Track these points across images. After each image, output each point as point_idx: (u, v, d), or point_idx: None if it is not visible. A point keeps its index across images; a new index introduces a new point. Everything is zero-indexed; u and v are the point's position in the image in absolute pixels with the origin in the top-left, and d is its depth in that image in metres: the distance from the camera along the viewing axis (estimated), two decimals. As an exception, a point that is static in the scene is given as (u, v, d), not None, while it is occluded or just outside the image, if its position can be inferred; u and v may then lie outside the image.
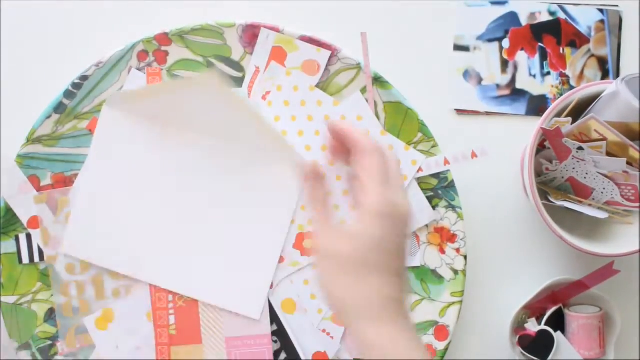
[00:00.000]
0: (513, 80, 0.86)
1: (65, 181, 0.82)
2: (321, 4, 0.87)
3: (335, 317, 0.80)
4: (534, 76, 0.86)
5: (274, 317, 0.82)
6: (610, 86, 0.77)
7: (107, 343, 0.83)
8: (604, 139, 0.77)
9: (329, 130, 0.66)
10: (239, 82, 0.83)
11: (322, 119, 0.81)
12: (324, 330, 0.81)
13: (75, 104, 0.82)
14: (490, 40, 0.86)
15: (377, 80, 0.82)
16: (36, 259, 0.82)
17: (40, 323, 0.82)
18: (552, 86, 0.86)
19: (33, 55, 0.86)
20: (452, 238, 0.82)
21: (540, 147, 0.81)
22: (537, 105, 0.86)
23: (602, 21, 0.86)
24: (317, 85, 0.82)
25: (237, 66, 0.82)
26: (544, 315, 0.84)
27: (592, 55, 0.86)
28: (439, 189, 0.82)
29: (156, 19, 0.86)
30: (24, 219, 0.82)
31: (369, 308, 0.60)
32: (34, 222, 0.82)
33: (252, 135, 0.79)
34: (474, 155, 0.81)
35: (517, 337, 0.83)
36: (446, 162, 0.81)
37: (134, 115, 0.81)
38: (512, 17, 0.86)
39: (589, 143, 0.78)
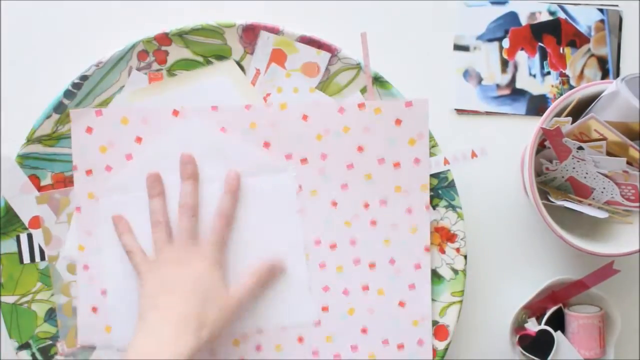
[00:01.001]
0: (513, 80, 0.86)
1: (65, 181, 0.82)
2: (321, 4, 0.87)
3: None
4: (534, 76, 0.86)
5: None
6: (610, 86, 0.77)
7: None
8: (604, 139, 0.77)
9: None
10: (239, 82, 0.83)
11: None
12: None
13: (75, 103, 0.82)
14: (490, 40, 0.86)
15: (377, 80, 0.82)
16: (37, 258, 0.82)
17: (40, 323, 0.82)
18: (552, 86, 0.86)
19: (33, 55, 0.86)
20: (452, 238, 0.82)
21: (541, 147, 0.81)
22: (537, 105, 0.86)
23: (602, 21, 0.86)
24: (317, 86, 0.82)
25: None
26: (544, 315, 0.84)
27: (592, 55, 0.86)
28: (439, 188, 0.82)
29: (156, 18, 0.86)
30: (26, 219, 0.82)
31: None
32: (36, 222, 0.82)
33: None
34: (473, 154, 0.81)
35: (517, 337, 0.83)
36: (446, 161, 0.81)
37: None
38: (512, 17, 0.86)
39: (589, 143, 0.78)
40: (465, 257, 0.82)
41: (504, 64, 0.86)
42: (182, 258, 0.78)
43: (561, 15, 0.86)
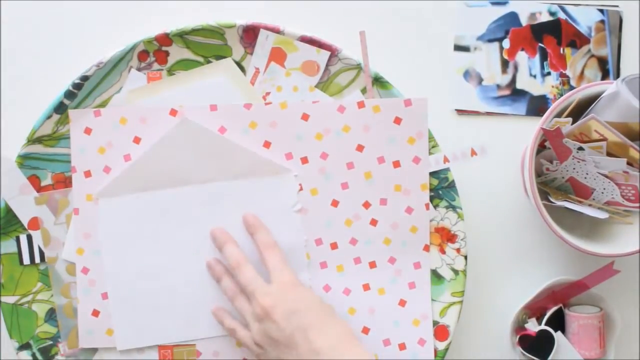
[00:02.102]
0: (513, 80, 0.86)
1: (65, 181, 0.82)
2: (321, 4, 0.87)
3: None
4: (535, 76, 0.86)
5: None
6: (610, 86, 0.77)
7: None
8: (604, 139, 0.77)
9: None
10: (239, 82, 0.83)
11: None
12: None
13: (75, 104, 0.82)
14: (490, 41, 0.86)
15: (377, 80, 0.82)
16: (37, 259, 0.82)
17: (40, 323, 0.82)
18: (553, 86, 0.86)
19: (33, 55, 0.86)
20: (452, 238, 0.82)
21: (541, 147, 0.81)
22: (537, 106, 0.86)
23: (602, 21, 0.86)
24: (317, 86, 0.82)
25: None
26: (544, 315, 0.84)
27: (593, 56, 0.86)
28: (440, 189, 0.82)
29: (157, 19, 0.86)
30: (25, 220, 0.82)
31: None
32: (35, 223, 0.82)
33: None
34: (473, 152, 0.81)
35: (518, 337, 0.83)
36: (446, 160, 0.81)
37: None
38: (513, 18, 0.86)
39: (589, 143, 0.78)
40: (466, 257, 0.82)
41: (504, 64, 0.86)
42: (274, 302, 0.74)
43: (561, 15, 0.86)
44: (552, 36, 0.86)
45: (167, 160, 0.81)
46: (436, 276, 0.82)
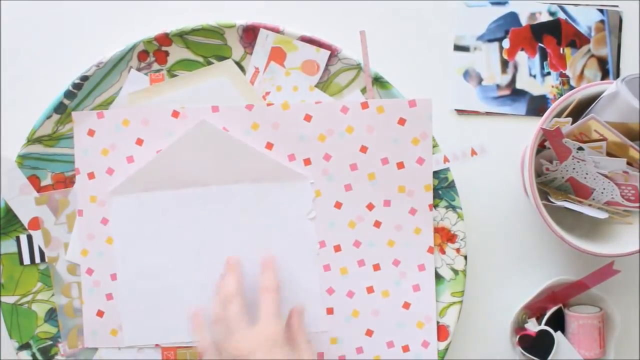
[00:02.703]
0: (513, 80, 0.86)
1: (65, 181, 0.82)
2: (321, 4, 0.87)
3: None
4: (534, 76, 0.86)
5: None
6: (610, 86, 0.77)
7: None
8: (604, 139, 0.77)
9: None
10: (239, 82, 0.83)
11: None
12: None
13: (75, 104, 0.82)
14: (490, 41, 0.86)
15: (377, 80, 0.82)
16: (37, 259, 0.82)
17: (40, 323, 0.83)
18: (552, 86, 0.86)
19: (33, 55, 0.86)
20: (452, 238, 0.82)
21: (541, 147, 0.81)
22: (537, 106, 0.86)
23: (602, 21, 0.86)
24: (317, 86, 0.82)
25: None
26: (544, 315, 0.84)
27: (592, 56, 0.86)
28: (440, 189, 0.82)
29: (156, 19, 0.86)
30: (25, 220, 0.82)
31: None
32: (35, 223, 0.82)
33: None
34: (473, 152, 0.81)
35: (517, 337, 0.83)
36: (446, 160, 0.81)
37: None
38: (512, 18, 0.86)
39: (589, 143, 0.78)
40: (466, 257, 0.82)
41: (504, 64, 0.86)
42: (249, 348, 0.72)
43: (561, 15, 0.86)
44: (552, 36, 0.86)
45: (183, 161, 0.80)
46: (436, 276, 0.82)
